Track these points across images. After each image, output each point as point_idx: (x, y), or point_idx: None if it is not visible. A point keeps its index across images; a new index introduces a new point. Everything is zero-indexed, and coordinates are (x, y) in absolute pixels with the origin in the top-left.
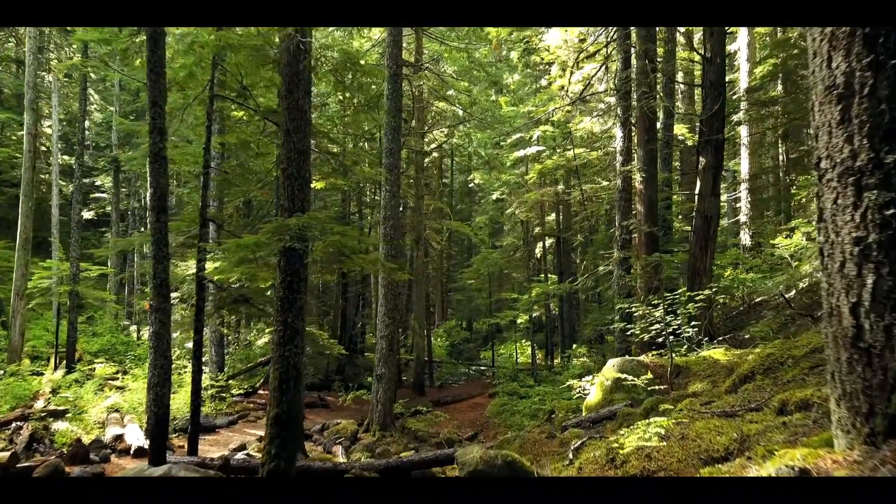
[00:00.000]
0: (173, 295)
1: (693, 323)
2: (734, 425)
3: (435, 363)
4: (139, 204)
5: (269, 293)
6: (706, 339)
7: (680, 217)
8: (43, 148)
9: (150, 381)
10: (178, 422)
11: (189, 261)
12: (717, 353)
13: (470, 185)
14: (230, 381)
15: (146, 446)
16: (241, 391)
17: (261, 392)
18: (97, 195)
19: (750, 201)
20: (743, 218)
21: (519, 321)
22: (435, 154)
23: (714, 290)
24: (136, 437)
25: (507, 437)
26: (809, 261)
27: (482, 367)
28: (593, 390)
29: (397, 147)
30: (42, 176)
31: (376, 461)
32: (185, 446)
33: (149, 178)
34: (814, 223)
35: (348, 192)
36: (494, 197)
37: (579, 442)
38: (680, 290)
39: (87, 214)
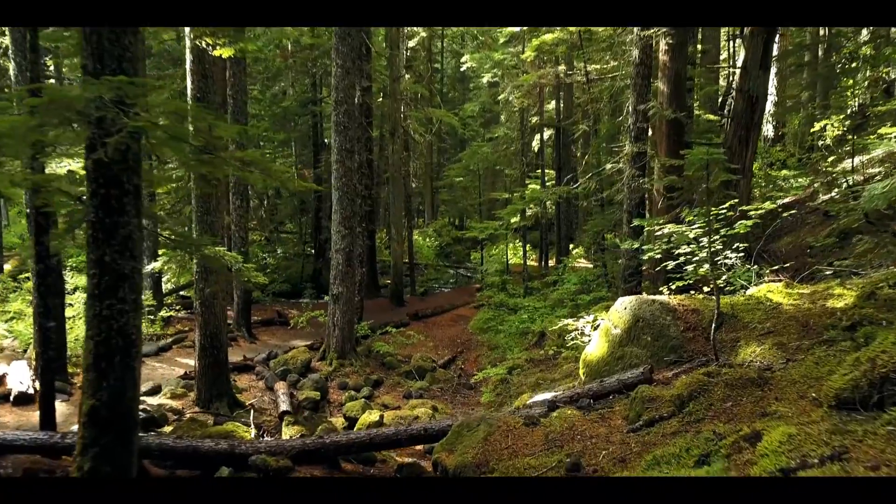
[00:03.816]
0: None
1: (737, 245)
2: None
3: (421, 267)
4: None
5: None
6: (754, 266)
7: (699, 102)
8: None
9: None
10: None
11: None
12: (775, 292)
13: (462, 70)
14: (166, 298)
15: (32, 391)
16: (182, 310)
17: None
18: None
19: (777, 86)
20: (769, 107)
21: (512, 220)
22: (423, 34)
23: (779, 203)
24: (20, 378)
25: (467, 423)
26: None
27: (470, 273)
28: (595, 338)
29: None
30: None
31: (288, 443)
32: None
33: None
34: None
35: (318, 75)
36: (486, 80)
37: None
38: (728, 203)
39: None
